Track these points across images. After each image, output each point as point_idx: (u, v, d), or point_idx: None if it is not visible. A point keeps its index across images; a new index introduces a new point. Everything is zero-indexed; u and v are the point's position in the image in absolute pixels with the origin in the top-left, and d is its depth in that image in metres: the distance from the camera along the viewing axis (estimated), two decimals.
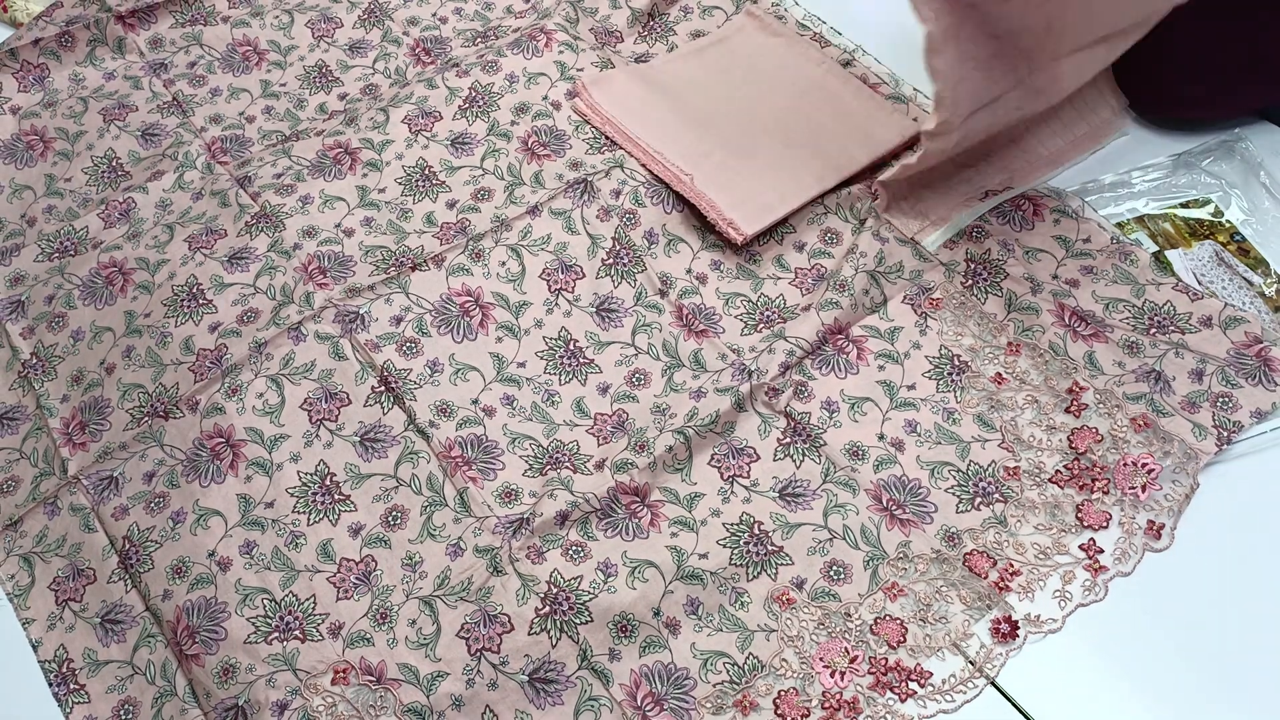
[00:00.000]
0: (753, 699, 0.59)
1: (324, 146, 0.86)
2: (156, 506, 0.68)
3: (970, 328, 0.72)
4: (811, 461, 0.67)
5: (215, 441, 0.70)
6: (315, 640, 0.62)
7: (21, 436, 0.73)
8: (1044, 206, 0.75)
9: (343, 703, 0.60)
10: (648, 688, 0.59)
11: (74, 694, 0.63)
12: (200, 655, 0.62)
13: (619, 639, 0.61)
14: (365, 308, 0.75)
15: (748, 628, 0.61)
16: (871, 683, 0.59)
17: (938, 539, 0.63)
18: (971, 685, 0.58)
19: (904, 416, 0.68)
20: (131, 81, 0.92)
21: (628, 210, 0.79)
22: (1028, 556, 0.62)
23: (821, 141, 0.81)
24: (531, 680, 0.60)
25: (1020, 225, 0.75)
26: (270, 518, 0.67)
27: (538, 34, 0.90)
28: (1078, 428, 0.66)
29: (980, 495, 0.65)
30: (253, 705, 0.60)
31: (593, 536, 0.64)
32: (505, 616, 0.61)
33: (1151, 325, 0.69)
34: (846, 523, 0.64)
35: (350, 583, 0.65)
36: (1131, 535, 0.62)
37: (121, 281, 0.79)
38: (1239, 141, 0.79)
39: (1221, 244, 0.75)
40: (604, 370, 0.73)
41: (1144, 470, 0.64)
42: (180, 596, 0.64)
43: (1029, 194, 0.76)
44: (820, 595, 0.62)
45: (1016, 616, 0.60)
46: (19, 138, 0.89)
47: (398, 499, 0.67)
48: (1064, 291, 0.72)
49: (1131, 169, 0.79)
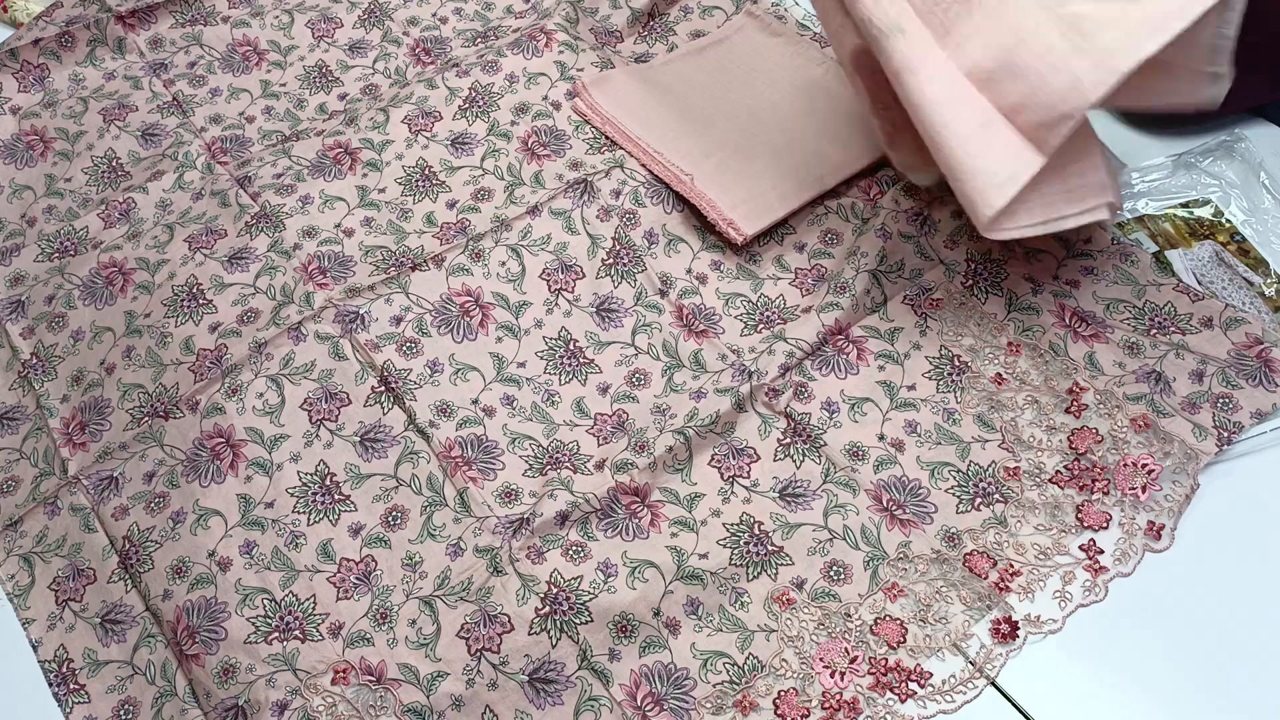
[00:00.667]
0: (753, 699, 0.59)
1: (324, 146, 0.86)
2: (156, 506, 0.68)
3: (970, 328, 0.72)
4: (811, 462, 0.67)
5: (215, 441, 0.70)
6: (315, 640, 0.62)
7: (21, 436, 0.74)
8: None
9: (343, 703, 0.60)
10: (648, 688, 0.59)
11: (74, 694, 0.63)
12: (200, 655, 0.62)
13: (619, 639, 0.61)
14: (365, 308, 0.75)
15: (748, 628, 0.61)
16: (871, 683, 0.59)
17: (938, 539, 0.63)
18: (971, 686, 0.58)
19: (904, 417, 0.68)
20: (131, 81, 0.92)
21: (628, 210, 0.79)
22: (1028, 557, 0.62)
23: (822, 142, 0.81)
24: (531, 680, 0.60)
25: None
26: (270, 518, 0.67)
27: (538, 34, 0.90)
28: (1078, 428, 0.66)
29: (980, 496, 0.65)
30: (253, 705, 0.60)
31: (593, 537, 0.64)
32: (505, 616, 0.61)
33: (1152, 326, 0.69)
34: (847, 523, 0.64)
35: (350, 583, 0.65)
36: (1131, 536, 0.62)
37: (121, 282, 0.79)
38: (1239, 141, 0.79)
39: (1221, 244, 0.75)
40: (604, 370, 0.73)
41: (1144, 471, 0.64)
42: (180, 596, 0.64)
43: None
44: (820, 595, 0.62)
45: (1016, 617, 0.60)
46: (19, 138, 0.89)
47: (398, 499, 0.67)
48: (1064, 292, 0.72)
49: (1131, 170, 0.79)
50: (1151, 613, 0.60)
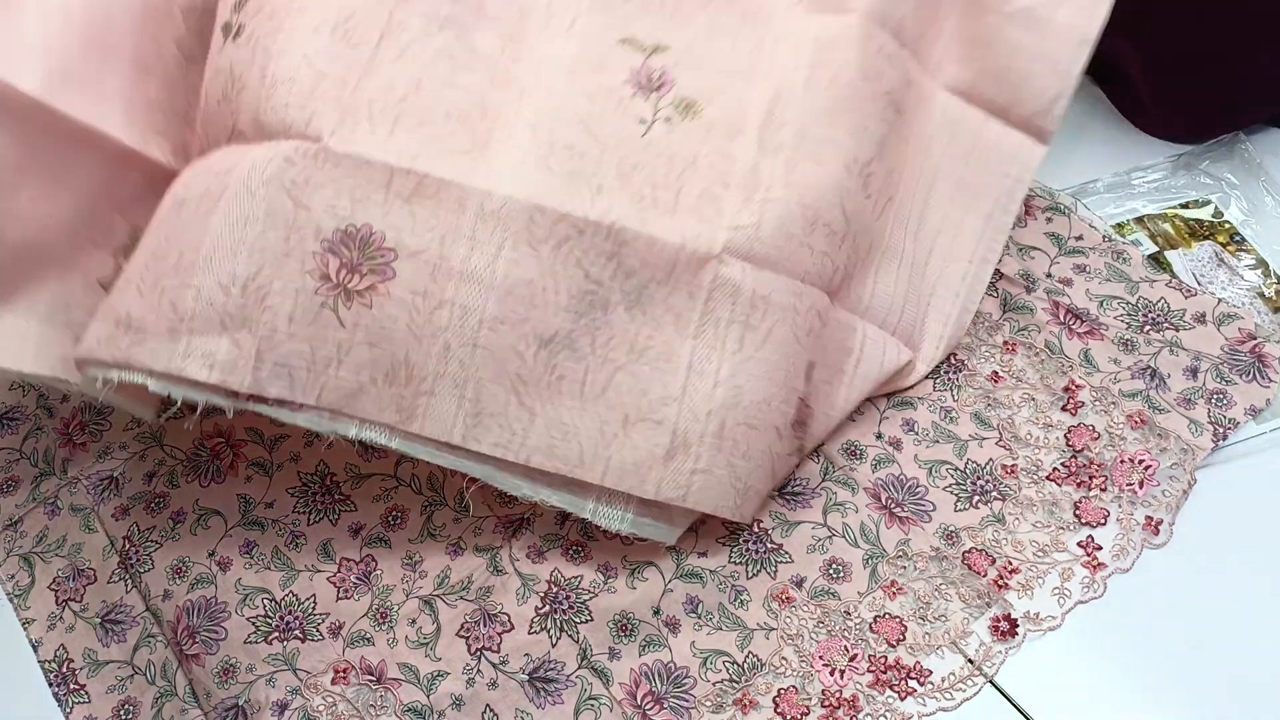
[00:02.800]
0: (752, 697, 0.59)
1: None
2: (157, 507, 0.68)
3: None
4: (810, 460, 0.67)
5: (215, 441, 0.70)
6: (315, 640, 0.63)
7: (21, 436, 0.74)
8: (1036, 206, 0.76)
9: (343, 702, 0.60)
10: (647, 686, 0.59)
11: (74, 694, 0.63)
12: (200, 655, 0.62)
13: (619, 638, 0.61)
14: None
15: (747, 626, 0.61)
16: (871, 681, 0.59)
17: (936, 537, 0.63)
18: (971, 683, 0.58)
19: (901, 415, 0.69)
20: None
21: None
22: (1026, 554, 0.62)
23: None
24: (531, 679, 0.60)
25: (1014, 223, 0.75)
26: (270, 518, 0.67)
27: None
28: (1074, 425, 0.66)
29: (978, 493, 0.65)
30: (253, 705, 0.60)
31: (592, 537, 0.65)
32: (505, 615, 0.62)
33: (1145, 322, 0.70)
34: (845, 521, 0.64)
35: (350, 582, 0.65)
36: (1129, 531, 0.62)
37: None
38: (1239, 142, 0.79)
39: (1221, 245, 0.75)
40: None
41: (1141, 466, 0.64)
42: (180, 596, 0.64)
43: None
44: (819, 593, 0.62)
45: (1015, 614, 0.60)
46: None
47: (398, 499, 0.68)
48: (1058, 289, 0.72)
49: (1131, 169, 0.79)
50: (1150, 610, 0.60)
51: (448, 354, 0.56)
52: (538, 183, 0.55)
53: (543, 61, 0.59)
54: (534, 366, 0.57)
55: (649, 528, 0.59)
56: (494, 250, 0.55)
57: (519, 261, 0.55)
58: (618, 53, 0.60)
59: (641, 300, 0.57)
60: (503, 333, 0.56)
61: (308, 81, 0.55)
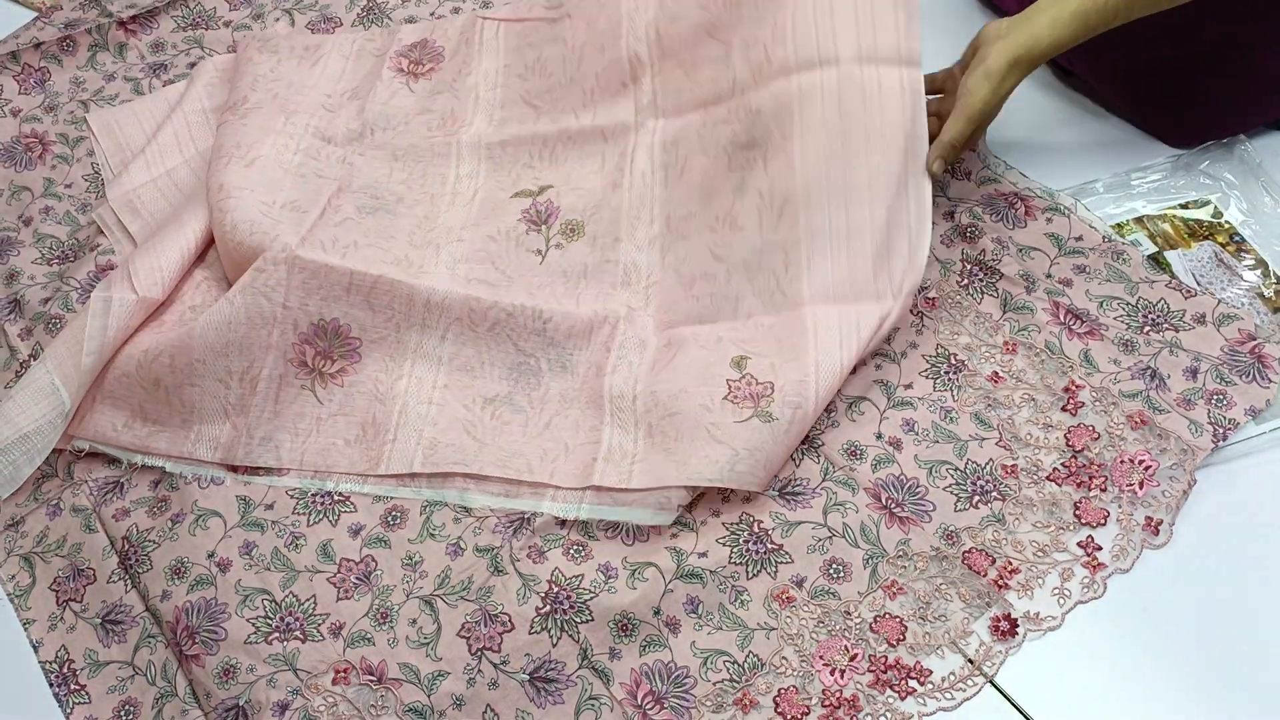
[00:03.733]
0: (753, 697, 0.59)
1: None
2: (158, 509, 0.68)
3: (966, 327, 0.72)
4: (810, 460, 0.67)
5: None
6: (316, 640, 0.63)
7: None
8: (1035, 206, 0.76)
9: (343, 702, 0.60)
10: (648, 686, 0.59)
11: (74, 694, 0.63)
12: (200, 656, 0.62)
13: (619, 638, 0.61)
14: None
15: (748, 626, 0.61)
16: (871, 680, 0.59)
17: (936, 537, 0.63)
18: (971, 683, 0.58)
19: (901, 416, 0.69)
20: (132, 84, 0.92)
21: None
22: (1026, 554, 0.62)
23: None
24: (532, 679, 0.60)
25: (1013, 223, 0.76)
26: (270, 519, 0.67)
27: None
28: (1074, 425, 0.66)
29: (978, 493, 0.65)
30: (253, 705, 0.60)
31: (593, 536, 0.65)
32: (506, 616, 0.62)
33: (1145, 323, 0.70)
34: (846, 521, 0.64)
35: (350, 583, 0.65)
36: (1129, 532, 0.62)
37: None
38: (1238, 143, 0.79)
39: (1221, 245, 0.75)
40: None
41: (1141, 467, 0.64)
42: (179, 597, 0.64)
43: (1021, 193, 0.77)
44: (820, 593, 0.62)
45: (1015, 614, 0.60)
46: (18, 140, 0.89)
47: (397, 499, 0.68)
48: (1058, 290, 0.72)
49: (1131, 170, 0.80)
50: (1150, 609, 0.60)
51: (406, 410, 0.69)
52: (467, 288, 0.71)
53: (452, 226, 0.76)
54: (481, 416, 0.69)
55: (607, 511, 0.65)
56: (441, 333, 0.70)
57: (462, 340, 0.70)
58: (513, 203, 0.78)
59: (566, 364, 0.70)
60: (452, 395, 0.70)
61: (267, 224, 0.71)
